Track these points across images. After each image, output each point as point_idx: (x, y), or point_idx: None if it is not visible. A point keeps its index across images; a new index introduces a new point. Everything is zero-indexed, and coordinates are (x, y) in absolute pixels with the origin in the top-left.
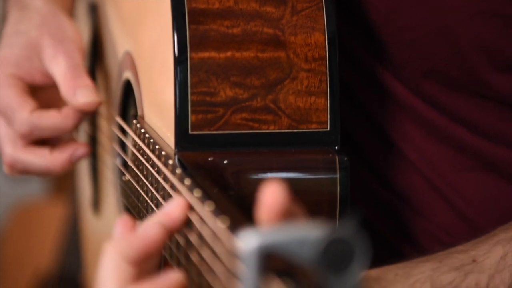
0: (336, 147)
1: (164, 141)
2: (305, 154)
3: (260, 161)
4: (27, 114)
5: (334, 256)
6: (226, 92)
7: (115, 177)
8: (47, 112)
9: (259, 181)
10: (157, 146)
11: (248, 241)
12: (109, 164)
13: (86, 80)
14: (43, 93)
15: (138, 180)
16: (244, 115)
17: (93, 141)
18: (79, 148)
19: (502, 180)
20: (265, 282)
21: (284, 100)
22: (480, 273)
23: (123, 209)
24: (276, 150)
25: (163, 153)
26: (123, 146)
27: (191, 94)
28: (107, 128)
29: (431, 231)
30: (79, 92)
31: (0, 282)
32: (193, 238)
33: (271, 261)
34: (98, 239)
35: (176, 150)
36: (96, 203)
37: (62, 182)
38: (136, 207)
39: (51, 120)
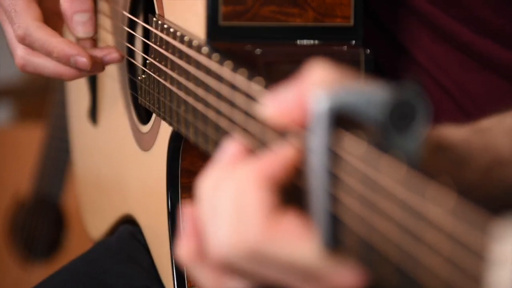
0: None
1: (192, 34)
2: (331, 47)
3: (289, 53)
4: (27, 20)
5: (400, 116)
6: None
7: (123, 77)
8: (46, 29)
9: (289, 73)
10: (185, 38)
11: (320, 102)
12: (114, 67)
13: (86, 4)
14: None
15: (160, 75)
16: (272, 7)
17: None
18: (81, 53)
19: (505, 81)
20: (336, 140)
21: None
22: None
23: (133, 108)
24: (303, 43)
25: (193, 43)
26: (131, 46)
27: None
28: (111, 30)
29: None
30: (76, 18)
31: None
32: (238, 117)
33: (340, 120)
34: (102, 146)
35: (208, 40)
36: (95, 112)
37: (34, 108)
38: (158, 102)
39: (44, 38)
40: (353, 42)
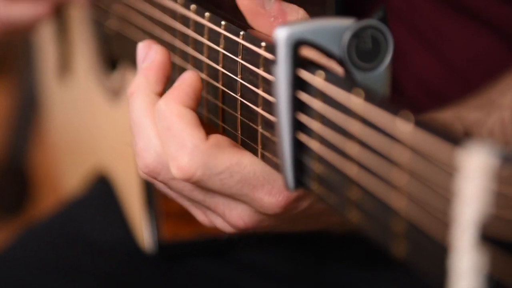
0: None
1: None
2: None
3: None
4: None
5: (362, 44)
6: None
7: (92, 29)
8: (18, 4)
9: None
10: None
11: (280, 32)
12: (83, 19)
13: None
14: None
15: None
16: None
17: None
18: None
19: (486, 27)
20: (298, 70)
21: None
22: (502, 110)
23: (101, 59)
24: None
25: None
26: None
27: None
28: None
29: (415, 80)
30: None
31: None
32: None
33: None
34: (71, 101)
35: None
36: (65, 65)
37: None
38: (126, 49)
39: (21, 9)
40: None
